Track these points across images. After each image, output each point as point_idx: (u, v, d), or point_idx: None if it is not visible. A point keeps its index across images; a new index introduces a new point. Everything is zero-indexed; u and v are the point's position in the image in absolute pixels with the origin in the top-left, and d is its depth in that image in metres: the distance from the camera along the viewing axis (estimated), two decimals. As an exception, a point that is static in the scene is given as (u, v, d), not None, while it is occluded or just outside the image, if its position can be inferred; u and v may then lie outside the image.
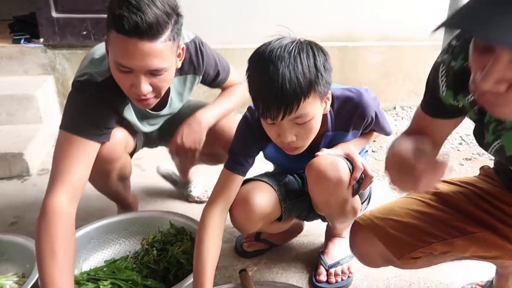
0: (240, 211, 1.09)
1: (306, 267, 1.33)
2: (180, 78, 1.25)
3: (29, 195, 1.81)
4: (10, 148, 1.93)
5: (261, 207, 1.09)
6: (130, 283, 1.11)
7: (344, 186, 1.02)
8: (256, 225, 1.13)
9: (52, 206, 0.99)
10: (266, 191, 1.13)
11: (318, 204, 1.10)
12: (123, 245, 1.36)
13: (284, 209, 1.16)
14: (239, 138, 1.11)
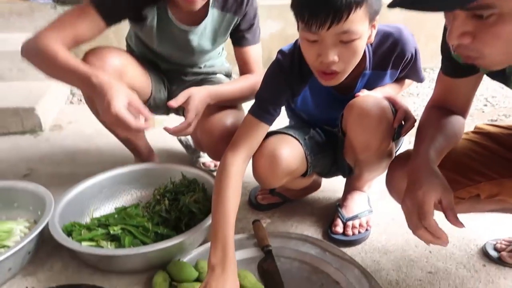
0: (265, 165, 1.04)
1: (322, 221, 1.28)
2: (220, 14, 1.23)
3: (42, 149, 1.80)
4: (22, 103, 1.91)
5: (288, 162, 1.04)
6: (140, 229, 1.08)
7: (387, 126, 0.97)
8: (281, 180, 1.08)
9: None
10: (293, 146, 1.08)
11: (356, 146, 1.03)
12: (134, 196, 1.33)
13: (309, 165, 1.10)
14: (269, 83, 1.04)
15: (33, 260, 1.11)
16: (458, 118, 0.91)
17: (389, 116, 0.97)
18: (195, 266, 1.03)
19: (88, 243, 1.03)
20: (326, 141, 1.17)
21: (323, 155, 1.15)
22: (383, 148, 1.03)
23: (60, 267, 1.10)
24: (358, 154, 1.07)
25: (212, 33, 1.28)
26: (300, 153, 1.08)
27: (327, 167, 1.21)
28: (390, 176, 1.03)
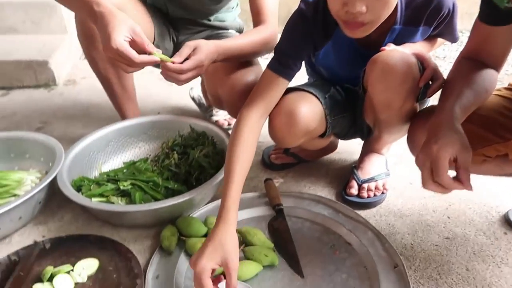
0: (283, 122, 0.99)
1: (336, 183, 1.24)
2: None
3: (56, 103, 1.79)
4: (36, 56, 1.88)
5: (307, 121, 0.99)
6: (151, 184, 1.06)
7: (412, 84, 0.90)
8: (298, 140, 1.03)
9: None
10: (313, 104, 1.02)
11: (377, 104, 0.97)
12: (142, 149, 1.31)
13: (329, 125, 1.05)
14: (289, 35, 0.97)
15: (44, 211, 1.11)
16: (490, 72, 0.83)
17: (415, 74, 0.90)
18: (204, 222, 1.02)
19: (98, 198, 1.01)
20: (347, 100, 1.10)
21: (343, 116, 1.09)
22: (406, 108, 0.96)
23: (70, 218, 1.10)
24: (378, 113, 1.00)
25: None
26: (320, 112, 1.02)
27: (346, 129, 1.15)
28: (411, 132, 0.98)
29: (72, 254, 0.91)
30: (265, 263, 0.91)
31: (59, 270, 0.84)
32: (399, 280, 0.86)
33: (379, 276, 0.87)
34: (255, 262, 0.91)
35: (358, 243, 0.97)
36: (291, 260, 0.94)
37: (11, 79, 1.88)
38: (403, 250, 0.99)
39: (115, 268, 0.88)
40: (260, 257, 0.91)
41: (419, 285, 0.89)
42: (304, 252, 0.96)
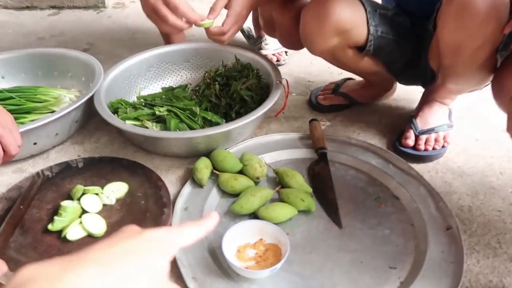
0: (314, 15, 0.89)
1: (390, 131, 1.11)
2: None
3: (104, 25, 1.75)
4: (86, -26, 1.82)
5: (340, 17, 0.89)
6: (188, 112, 1.00)
7: (494, 29, 0.74)
8: (329, 40, 0.92)
9: None
10: (354, 5, 0.91)
11: (444, 46, 0.83)
12: (183, 78, 1.24)
13: (370, 37, 0.92)
14: None
15: (81, 131, 1.10)
16: None
17: (501, 17, 0.73)
18: (241, 158, 0.95)
19: (132, 122, 0.97)
20: (410, 32, 0.95)
21: (398, 43, 0.95)
22: (479, 57, 0.80)
23: (106, 141, 1.08)
24: (443, 57, 0.85)
25: None
26: (360, 16, 0.91)
27: (399, 63, 1.01)
28: (500, 74, 0.82)
29: (103, 176, 0.88)
30: (300, 208, 0.84)
31: (88, 189, 0.82)
32: (451, 243, 0.76)
33: (427, 237, 0.77)
34: (290, 205, 0.84)
35: (408, 199, 0.86)
36: (329, 208, 0.86)
37: (61, -2, 1.85)
38: (459, 212, 0.88)
39: (144, 195, 0.85)
40: (296, 201, 0.84)
41: (474, 251, 0.79)
42: (344, 201, 0.87)
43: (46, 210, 0.81)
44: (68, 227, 0.75)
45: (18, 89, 1.06)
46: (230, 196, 0.88)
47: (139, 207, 0.82)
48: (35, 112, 1.01)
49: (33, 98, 1.04)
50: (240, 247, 0.75)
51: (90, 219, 0.77)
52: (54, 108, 1.04)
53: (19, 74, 1.21)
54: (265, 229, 0.76)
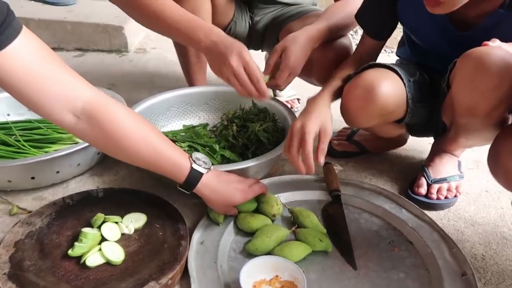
0: (359, 97, 0.92)
1: (401, 179, 1.14)
2: None
3: (125, 68, 1.83)
4: (112, 21, 1.94)
5: (386, 101, 0.91)
6: (207, 149, 1.03)
7: (507, 91, 0.75)
8: (372, 120, 0.96)
9: None
10: (396, 84, 0.93)
11: (458, 106, 0.85)
12: (202, 119, 1.29)
13: (409, 111, 0.95)
14: None
15: (101, 163, 1.13)
16: None
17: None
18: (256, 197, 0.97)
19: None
20: (430, 89, 1.00)
21: (423, 105, 0.98)
22: (493, 116, 0.82)
23: (125, 174, 1.10)
24: (458, 116, 0.88)
25: None
26: (402, 95, 0.93)
27: (422, 121, 1.04)
28: (496, 150, 0.79)
29: (122, 207, 0.90)
30: (318, 248, 0.85)
31: (109, 218, 0.83)
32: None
33: (443, 282, 0.77)
34: (305, 244, 0.85)
35: (422, 243, 0.87)
36: (343, 249, 0.87)
37: (88, 41, 1.96)
38: (473, 260, 0.88)
39: (162, 226, 0.86)
40: (314, 241, 0.85)
41: (489, 300, 0.78)
42: (358, 244, 0.88)
43: (66, 236, 0.82)
44: (87, 253, 0.75)
45: (45, 120, 1.10)
46: (246, 233, 0.89)
47: (156, 238, 0.83)
48: (60, 143, 1.05)
49: (58, 129, 1.08)
50: (256, 283, 0.75)
51: (109, 247, 0.78)
52: (78, 140, 1.07)
53: (45, 107, 1.26)
54: (281, 266, 0.77)
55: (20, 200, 0.98)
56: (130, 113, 0.78)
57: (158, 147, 0.78)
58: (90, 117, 0.71)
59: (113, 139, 0.74)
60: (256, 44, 1.38)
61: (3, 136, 1.02)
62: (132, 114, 0.78)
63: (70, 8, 2.06)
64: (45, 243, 0.80)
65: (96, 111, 0.72)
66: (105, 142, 0.75)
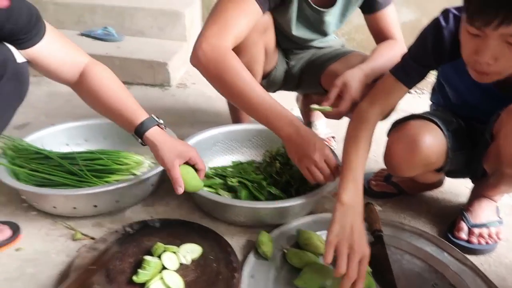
0: (403, 150, 0.97)
1: (440, 221, 1.17)
2: None
3: (168, 102, 1.94)
4: (157, 58, 2.07)
5: (429, 153, 0.96)
6: (255, 185, 1.09)
7: None
8: (415, 171, 1.01)
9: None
10: (437, 135, 0.98)
11: (505, 158, 0.88)
12: (245, 155, 1.36)
13: (449, 160, 1.00)
14: (420, 43, 0.96)
15: (153, 194, 1.20)
16: None
17: None
18: (298, 235, 1.02)
19: (208, 189, 1.07)
20: (468, 137, 1.04)
21: (462, 153, 1.02)
22: None
23: (175, 205, 1.17)
24: (504, 167, 0.91)
25: (343, 9, 1.23)
26: (442, 145, 0.98)
27: (460, 167, 1.07)
28: None
29: (177, 237, 0.96)
30: (362, 286, 0.88)
31: (168, 248, 0.89)
32: (514, 337, 0.78)
33: (489, 327, 0.80)
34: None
35: (465, 287, 0.90)
36: (388, 289, 0.90)
37: (133, 76, 2.09)
38: (517, 307, 0.90)
39: (215, 258, 0.91)
40: (359, 278, 0.88)
41: None
42: (402, 285, 0.91)
43: (129, 263, 0.88)
44: (150, 280, 0.81)
45: (104, 152, 1.19)
46: (294, 268, 0.94)
47: (211, 269, 0.88)
48: (118, 173, 1.13)
49: (117, 160, 1.16)
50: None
51: (170, 275, 0.83)
52: (135, 171, 1.15)
53: (100, 137, 1.35)
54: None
55: (81, 226, 1.05)
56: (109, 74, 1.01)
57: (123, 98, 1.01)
58: (83, 74, 0.97)
59: (93, 90, 0.98)
60: (292, 86, 1.47)
61: (69, 165, 1.10)
62: (110, 75, 1.01)
63: (119, 44, 2.20)
64: (110, 268, 0.86)
65: (87, 69, 0.98)
66: (87, 93, 0.99)
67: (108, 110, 0.99)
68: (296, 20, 1.22)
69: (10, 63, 0.83)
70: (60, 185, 1.08)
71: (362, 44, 2.51)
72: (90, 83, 0.97)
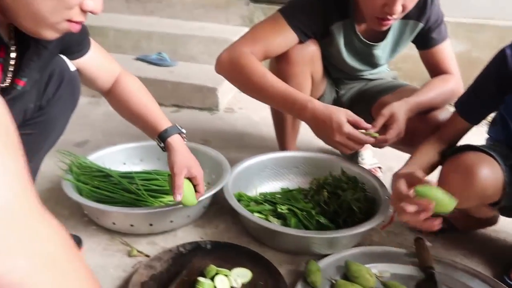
0: (459, 180, 0.95)
1: (494, 261, 1.13)
2: (402, 23, 1.19)
3: (216, 126, 2.01)
4: (207, 83, 2.16)
5: (485, 185, 0.94)
6: (305, 214, 1.11)
7: None
8: (470, 202, 0.99)
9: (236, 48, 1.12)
10: (494, 168, 0.96)
11: None
12: (292, 182, 1.38)
13: (506, 195, 0.98)
14: (483, 74, 0.98)
15: (204, 216, 1.24)
16: None
17: None
18: (346, 267, 1.01)
19: (258, 215, 1.10)
20: None
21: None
22: None
23: (224, 228, 1.20)
24: None
25: (393, 44, 1.26)
26: (499, 179, 0.96)
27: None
28: None
29: (228, 260, 0.99)
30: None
31: (220, 271, 0.92)
32: None
33: None
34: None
35: (525, 335, 0.86)
36: (441, 329, 0.87)
37: (183, 99, 2.18)
38: None
39: (265, 284, 0.93)
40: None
41: None
42: (456, 326, 0.88)
43: (182, 282, 0.91)
44: (204, 301, 0.84)
45: (160, 172, 1.26)
46: (342, 299, 0.93)
47: (261, 295, 0.90)
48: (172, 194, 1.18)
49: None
50: None
51: (222, 298, 0.86)
52: (188, 193, 1.20)
53: (154, 158, 1.42)
54: None
55: (136, 243, 1.11)
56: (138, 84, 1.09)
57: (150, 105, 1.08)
58: (116, 82, 1.06)
59: (123, 97, 1.06)
60: None
61: (127, 184, 1.17)
62: (138, 85, 1.09)
63: (171, 69, 2.32)
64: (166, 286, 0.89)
65: (119, 78, 1.06)
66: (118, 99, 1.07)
67: (135, 116, 1.07)
68: (345, 51, 1.25)
69: (66, 71, 0.94)
70: (119, 202, 1.15)
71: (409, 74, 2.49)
72: (121, 90, 1.05)
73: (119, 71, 1.07)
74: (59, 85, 0.93)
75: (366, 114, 1.37)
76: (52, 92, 0.93)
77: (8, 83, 0.76)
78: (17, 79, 0.77)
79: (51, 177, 1.35)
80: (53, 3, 0.61)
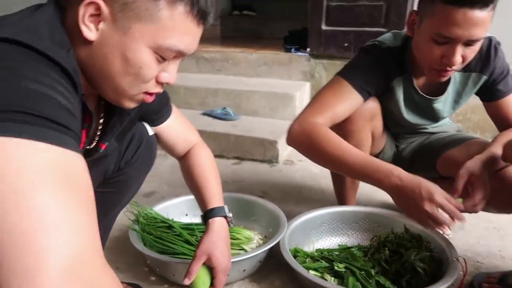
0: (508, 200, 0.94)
1: None
2: (463, 76, 1.16)
3: (275, 178, 2.04)
4: (268, 136, 2.23)
5: None
6: (363, 273, 1.07)
7: None
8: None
9: (306, 119, 1.12)
10: None
11: None
12: (351, 238, 1.34)
13: None
14: None
15: (259, 271, 1.24)
16: None
17: None
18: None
19: (313, 272, 1.08)
20: None
21: None
22: None
23: (280, 284, 1.19)
24: None
25: (455, 97, 1.22)
26: None
27: None
28: None
29: (282, 319, 0.96)
30: None
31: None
32: None
33: None
34: None
35: None
36: None
37: (245, 151, 2.26)
38: None
39: None
40: None
41: None
42: None
43: None
44: None
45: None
46: None
47: None
48: (229, 247, 1.20)
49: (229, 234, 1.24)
50: None
51: None
52: (244, 247, 1.22)
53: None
54: None
55: (193, 295, 1.13)
56: (209, 158, 1.11)
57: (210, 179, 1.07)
58: (189, 151, 1.09)
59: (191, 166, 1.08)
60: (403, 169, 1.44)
61: (188, 236, 1.22)
62: (208, 160, 1.10)
63: (235, 123, 2.43)
64: None
65: (194, 148, 1.10)
66: (186, 167, 1.09)
67: (194, 187, 1.08)
68: (404, 106, 1.24)
69: (145, 135, 1.02)
70: (178, 253, 1.19)
71: (479, 124, 2.37)
72: (191, 161, 1.08)
73: (195, 141, 1.10)
74: (137, 148, 1.00)
75: (430, 169, 1.32)
76: (131, 154, 1.00)
77: (93, 146, 0.85)
78: (101, 143, 0.85)
79: (120, 226, 1.45)
80: (131, 78, 0.67)
